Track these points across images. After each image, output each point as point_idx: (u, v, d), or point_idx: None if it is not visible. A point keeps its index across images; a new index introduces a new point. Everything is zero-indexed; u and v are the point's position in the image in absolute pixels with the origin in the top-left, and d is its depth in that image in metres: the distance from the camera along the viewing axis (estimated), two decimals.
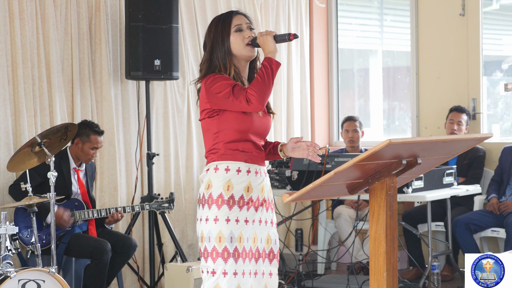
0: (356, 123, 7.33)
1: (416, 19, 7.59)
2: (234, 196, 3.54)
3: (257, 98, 3.47)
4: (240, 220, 3.54)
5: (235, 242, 3.52)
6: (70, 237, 5.62)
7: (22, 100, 5.82)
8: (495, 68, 7.61)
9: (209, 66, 3.62)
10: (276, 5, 7.71)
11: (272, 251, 3.65)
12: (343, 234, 7.01)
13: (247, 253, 3.56)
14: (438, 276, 6.31)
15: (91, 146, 5.73)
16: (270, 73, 3.52)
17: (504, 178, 6.66)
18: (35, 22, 5.93)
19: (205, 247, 3.55)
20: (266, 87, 3.49)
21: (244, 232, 3.55)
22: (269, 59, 3.56)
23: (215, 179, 3.56)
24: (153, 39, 6.14)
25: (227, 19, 3.66)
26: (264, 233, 3.62)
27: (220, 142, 3.58)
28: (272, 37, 3.59)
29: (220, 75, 3.56)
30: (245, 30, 3.64)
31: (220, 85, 3.52)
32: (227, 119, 3.56)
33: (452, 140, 3.28)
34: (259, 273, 3.60)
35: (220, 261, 3.51)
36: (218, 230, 3.52)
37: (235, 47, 3.62)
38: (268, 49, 3.58)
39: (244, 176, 3.57)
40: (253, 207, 3.59)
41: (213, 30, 3.66)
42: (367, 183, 3.20)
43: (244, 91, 3.48)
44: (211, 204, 3.54)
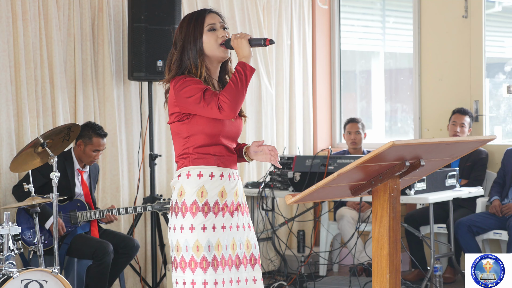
0: (358, 125, 7.33)
1: (419, 21, 7.59)
2: (208, 203, 3.40)
3: (230, 106, 3.31)
4: (216, 227, 3.40)
5: (213, 251, 3.38)
6: (73, 238, 5.62)
7: (25, 101, 5.82)
8: (497, 70, 7.60)
9: (179, 66, 3.46)
10: (278, 6, 7.71)
11: (253, 256, 3.52)
12: (346, 235, 7.01)
13: (227, 261, 3.42)
14: (440, 278, 6.31)
15: (93, 148, 5.73)
16: (244, 79, 3.36)
17: (507, 180, 6.66)
18: (38, 23, 5.94)
19: (181, 257, 3.39)
20: (239, 94, 3.34)
21: (222, 239, 3.40)
22: (243, 64, 3.39)
23: (188, 185, 3.41)
24: (155, 40, 6.15)
25: (200, 17, 3.49)
26: (243, 238, 3.49)
27: (191, 146, 3.43)
28: (247, 40, 3.43)
29: (190, 78, 3.41)
30: (219, 30, 3.48)
31: (190, 89, 3.36)
32: (197, 123, 3.41)
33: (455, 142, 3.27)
34: (242, 280, 3.46)
35: (199, 271, 3.36)
36: (195, 239, 3.37)
37: (207, 47, 3.46)
38: (242, 53, 3.43)
39: (218, 181, 3.43)
40: (228, 212, 3.45)
41: (184, 28, 3.49)
42: (370, 185, 3.20)
43: (216, 97, 3.33)
44: (185, 212, 3.39)
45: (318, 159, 6.55)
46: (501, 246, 6.68)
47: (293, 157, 6.73)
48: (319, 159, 6.56)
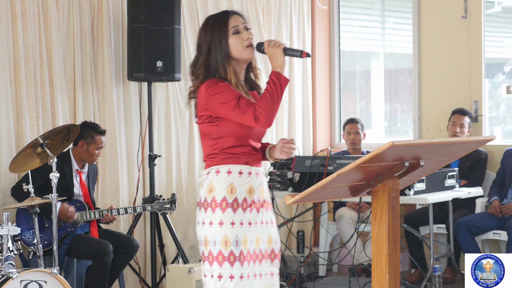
0: (358, 125, 7.33)
1: (418, 21, 7.59)
2: (237, 199, 3.50)
3: (266, 117, 3.39)
4: (244, 223, 3.51)
5: (240, 246, 3.49)
6: (72, 238, 5.62)
7: (24, 101, 5.82)
8: (497, 71, 7.61)
9: (207, 70, 3.52)
10: (278, 6, 7.71)
11: (273, 251, 3.62)
12: (345, 236, 7.01)
13: (251, 256, 3.53)
14: (440, 278, 6.31)
15: (96, 146, 5.75)
16: (279, 90, 3.43)
17: (506, 180, 6.66)
18: (37, 23, 5.93)
19: (209, 251, 3.50)
20: (274, 105, 3.42)
21: (248, 234, 3.51)
22: (278, 75, 3.45)
23: (218, 182, 3.51)
24: (155, 40, 6.14)
25: (223, 20, 3.54)
26: (266, 233, 3.59)
27: (220, 147, 3.52)
28: (282, 50, 3.48)
29: (222, 83, 3.46)
30: (243, 32, 3.53)
31: (224, 96, 3.43)
32: (227, 126, 3.50)
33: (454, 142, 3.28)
34: (263, 274, 3.58)
35: (227, 265, 3.47)
36: (223, 234, 3.47)
37: (234, 50, 3.51)
38: (276, 62, 3.48)
39: (246, 178, 3.53)
40: (255, 208, 3.56)
41: (209, 32, 3.53)
42: (370, 185, 3.20)
43: (251, 106, 3.40)
44: (214, 208, 3.49)
45: (318, 160, 6.55)
46: (501, 246, 6.68)
47: (292, 158, 6.72)
48: (319, 159, 6.55)
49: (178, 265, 5.79)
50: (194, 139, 6.94)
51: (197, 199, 3.63)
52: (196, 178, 6.94)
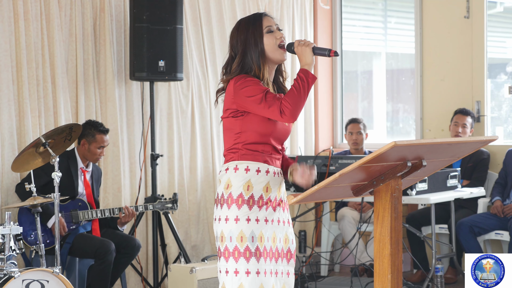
0: (360, 125, 7.32)
1: (421, 21, 7.59)
2: (254, 196, 3.53)
3: (291, 111, 3.44)
4: (260, 219, 3.54)
5: (256, 242, 3.51)
6: (74, 237, 5.63)
7: (27, 101, 5.82)
8: (499, 71, 7.60)
9: (242, 68, 3.59)
10: (280, 6, 7.71)
11: (289, 250, 3.65)
12: (347, 236, 7.01)
13: (268, 253, 3.55)
14: (442, 278, 6.31)
15: (98, 145, 5.75)
16: (306, 86, 3.50)
17: (508, 181, 6.65)
18: (39, 22, 5.94)
19: (225, 247, 3.53)
20: (300, 100, 3.47)
21: (264, 231, 3.54)
22: (306, 72, 3.53)
23: (235, 179, 3.55)
24: (157, 40, 6.14)
25: (257, 20, 3.64)
26: (283, 233, 3.62)
27: (241, 142, 3.57)
28: (311, 49, 3.57)
29: (251, 78, 3.54)
30: (276, 31, 3.64)
31: (251, 89, 3.49)
32: (251, 121, 3.55)
33: (457, 142, 3.28)
34: (279, 273, 3.60)
35: (243, 261, 3.49)
36: (239, 230, 3.50)
37: (268, 48, 3.60)
38: (305, 60, 3.56)
39: (263, 176, 3.57)
40: (271, 207, 3.58)
41: (243, 32, 3.62)
42: (372, 185, 3.20)
43: (278, 100, 3.46)
44: (230, 204, 3.53)
45: (320, 160, 6.55)
46: (503, 246, 6.68)
47: (294, 157, 6.72)
48: (321, 159, 6.55)
49: (180, 264, 5.79)
50: (196, 139, 6.94)
51: (212, 200, 3.65)
52: (198, 177, 6.94)
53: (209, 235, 6.96)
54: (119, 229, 5.91)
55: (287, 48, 3.62)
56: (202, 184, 6.96)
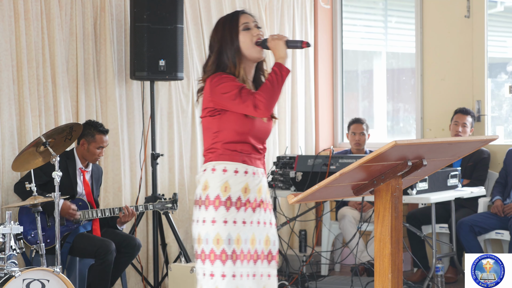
0: (363, 126, 7.32)
1: (421, 20, 7.58)
2: (231, 197, 3.50)
3: (265, 104, 3.42)
4: (237, 221, 3.50)
5: (233, 244, 3.48)
6: (75, 236, 5.63)
7: (27, 100, 5.82)
8: (500, 70, 7.60)
9: (218, 66, 3.56)
10: (281, 6, 7.71)
11: (270, 252, 3.60)
12: (347, 235, 7.01)
13: (245, 255, 3.51)
14: (442, 278, 6.30)
15: (97, 145, 5.74)
16: (280, 79, 3.47)
17: (509, 180, 6.65)
18: (40, 22, 5.94)
19: (202, 249, 3.50)
20: (275, 94, 3.45)
21: (242, 233, 3.50)
22: (280, 65, 3.51)
23: (212, 180, 3.51)
24: (158, 39, 6.14)
25: (234, 18, 3.62)
26: (263, 234, 3.58)
27: (219, 141, 3.53)
28: (284, 42, 3.54)
29: (226, 75, 3.51)
30: (253, 29, 3.60)
31: (226, 86, 3.47)
32: (228, 120, 3.51)
33: (457, 142, 3.27)
34: (257, 275, 3.54)
35: (219, 263, 3.46)
36: (216, 232, 3.47)
37: (244, 46, 3.56)
38: (279, 54, 3.53)
39: (242, 177, 3.52)
40: (251, 208, 3.54)
41: (220, 30, 3.60)
42: (373, 185, 3.20)
43: (252, 95, 3.44)
44: (208, 206, 3.50)
45: (320, 159, 6.55)
46: (503, 246, 6.68)
47: (295, 157, 6.73)
48: (321, 158, 6.55)
49: (180, 264, 5.79)
50: (197, 138, 6.94)
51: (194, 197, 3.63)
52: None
53: None
54: (119, 228, 5.91)
55: (261, 44, 3.57)
56: None
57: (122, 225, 5.92)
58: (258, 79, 3.68)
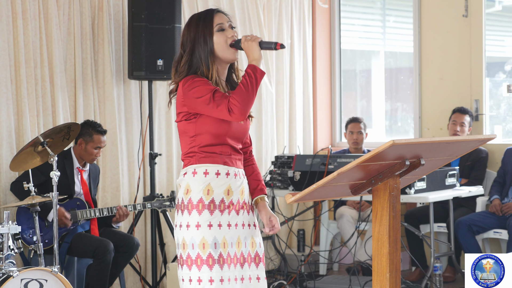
0: (361, 125, 7.32)
1: (419, 20, 7.59)
2: (214, 200, 3.42)
3: (240, 109, 3.32)
4: (222, 224, 3.42)
5: (219, 248, 3.39)
6: (73, 236, 5.62)
7: (25, 100, 5.82)
8: (497, 70, 7.60)
9: (190, 67, 3.46)
10: (279, 5, 7.71)
11: (257, 254, 3.53)
12: (345, 235, 7.01)
13: (232, 259, 3.43)
14: (440, 277, 6.31)
15: (95, 145, 5.74)
16: (254, 82, 3.36)
17: (507, 179, 6.66)
18: (38, 21, 5.93)
19: (188, 255, 3.39)
20: (249, 97, 3.34)
21: (228, 237, 3.42)
22: (254, 67, 3.39)
23: (194, 183, 3.42)
24: (156, 39, 6.14)
25: (208, 17, 3.48)
26: (248, 236, 3.51)
27: (197, 145, 3.45)
28: (257, 43, 3.42)
29: (199, 78, 3.41)
30: (227, 30, 3.49)
31: (199, 90, 3.36)
32: (204, 123, 3.42)
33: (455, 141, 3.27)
34: (245, 278, 3.47)
35: (206, 269, 3.36)
36: (201, 237, 3.38)
37: (218, 48, 3.46)
38: (252, 56, 3.42)
39: (224, 179, 3.44)
40: (234, 210, 3.46)
41: (193, 29, 3.48)
42: (370, 184, 3.20)
43: (226, 99, 3.33)
44: (191, 210, 3.40)
45: (318, 158, 6.55)
46: (501, 245, 6.68)
47: (293, 156, 6.73)
48: (319, 158, 6.55)
49: None
50: None
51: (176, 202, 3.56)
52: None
53: None
54: (114, 227, 5.90)
55: (235, 45, 3.47)
56: None
57: (118, 224, 5.91)
58: (231, 78, 3.59)
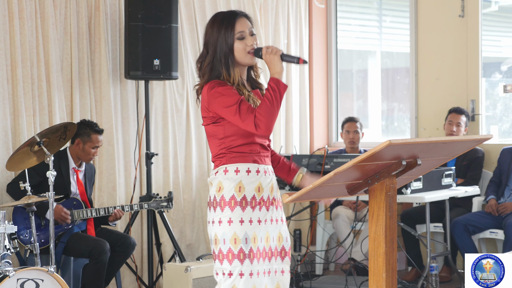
0: (357, 124, 7.33)
1: (416, 20, 7.59)
2: (246, 197, 3.53)
3: (266, 124, 3.42)
4: (253, 220, 3.54)
5: (249, 243, 3.52)
6: (69, 236, 5.62)
7: (21, 99, 5.81)
8: (494, 70, 7.61)
9: (211, 70, 3.56)
10: (275, 5, 7.71)
11: (283, 248, 3.65)
12: (341, 235, 7.01)
13: (261, 253, 3.56)
14: (436, 277, 6.32)
15: (92, 145, 5.74)
16: (278, 96, 3.46)
17: (503, 179, 6.66)
18: (34, 21, 5.93)
19: (219, 249, 3.53)
20: (274, 111, 3.44)
21: (258, 232, 3.54)
22: (277, 81, 3.48)
23: (226, 181, 3.54)
24: (152, 39, 6.14)
25: (231, 23, 3.56)
26: (276, 231, 3.62)
27: (227, 147, 3.55)
28: (279, 57, 3.51)
29: (223, 87, 3.49)
30: (247, 38, 3.57)
31: (225, 100, 3.47)
32: (233, 125, 3.52)
33: (451, 141, 3.28)
34: (272, 272, 3.60)
35: (237, 263, 3.50)
36: (232, 232, 3.50)
37: (237, 55, 3.55)
38: (274, 69, 3.51)
39: (254, 176, 3.56)
40: (265, 206, 3.59)
41: (216, 31, 3.57)
42: (367, 184, 3.20)
43: (251, 114, 3.43)
44: (223, 207, 3.52)
45: (315, 158, 6.55)
46: (497, 245, 6.69)
47: (289, 156, 6.72)
48: (316, 158, 6.55)
49: (175, 263, 5.79)
50: (191, 138, 6.94)
51: (207, 199, 3.64)
52: (193, 176, 6.94)
53: (204, 234, 6.96)
54: (110, 225, 5.90)
55: (255, 53, 3.56)
56: (197, 183, 6.96)
57: (114, 222, 5.91)
58: (250, 77, 3.69)
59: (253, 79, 3.69)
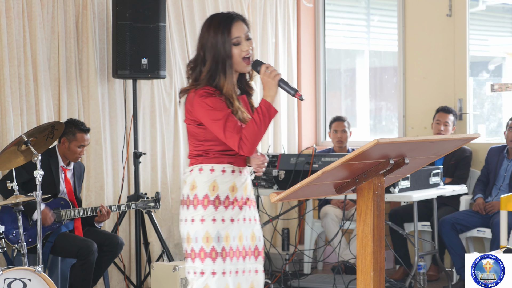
0: (345, 123, 7.34)
1: (403, 19, 7.61)
2: (219, 196, 3.54)
3: (249, 147, 3.43)
4: (226, 219, 3.54)
5: (222, 242, 3.52)
6: (56, 236, 5.60)
7: (9, 99, 5.79)
8: (481, 69, 7.64)
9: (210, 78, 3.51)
10: (263, 4, 7.71)
11: (256, 248, 3.66)
12: (330, 234, 7.02)
13: (234, 252, 3.56)
14: (424, 276, 6.33)
15: (78, 144, 5.72)
16: (267, 120, 3.46)
17: (490, 178, 6.69)
18: (21, 20, 5.90)
19: (192, 248, 3.53)
20: (260, 135, 3.44)
21: (230, 231, 3.55)
22: (269, 106, 3.47)
23: (200, 179, 3.54)
24: (140, 38, 6.13)
25: (227, 28, 3.52)
26: (249, 230, 3.63)
27: (205, 150, 3.56)
28: (276, 82, 3.50)
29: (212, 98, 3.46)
30: (243, 43, 3.53)
31: (213, 114, 3.45)
32: None
33: (439, 140, 3.29)
34: (246, 271, 3.61)
35: (209, 261, 3.50)
36: (205, 231, 3.51)
37: (234, 61, 3.53)
38: (269, 92, 3.50)
39: (229, 176, 3.56)
40: (238, 206, 3.59)
41: (212, 36, 3.52)
42: (355, 183, 3.21)
43: (237, 134, 3.41)
44: (196, 205, 3.53)
45: (303, 157, 6.55)
46: (485, 243, 6.71)
47: (277, 155, 6.73)
48: (304, 157, 6.56)
49: (163, 263, 5.78)
50: (179, 137, 6.93)
51: (180, 197, 3.63)
52: (181, 176, 6.93)
53: None
54: (97, 226, 5.89)
55: (252, 66, 3.55)
56: None
57: (100, 223, 5.90)
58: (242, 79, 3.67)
59: (244, 82, 3.67)
